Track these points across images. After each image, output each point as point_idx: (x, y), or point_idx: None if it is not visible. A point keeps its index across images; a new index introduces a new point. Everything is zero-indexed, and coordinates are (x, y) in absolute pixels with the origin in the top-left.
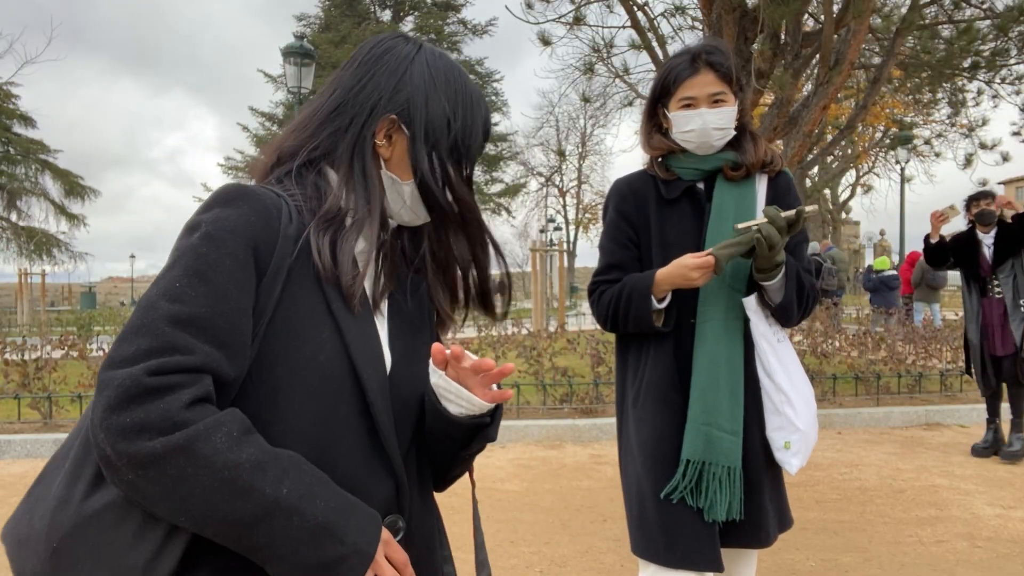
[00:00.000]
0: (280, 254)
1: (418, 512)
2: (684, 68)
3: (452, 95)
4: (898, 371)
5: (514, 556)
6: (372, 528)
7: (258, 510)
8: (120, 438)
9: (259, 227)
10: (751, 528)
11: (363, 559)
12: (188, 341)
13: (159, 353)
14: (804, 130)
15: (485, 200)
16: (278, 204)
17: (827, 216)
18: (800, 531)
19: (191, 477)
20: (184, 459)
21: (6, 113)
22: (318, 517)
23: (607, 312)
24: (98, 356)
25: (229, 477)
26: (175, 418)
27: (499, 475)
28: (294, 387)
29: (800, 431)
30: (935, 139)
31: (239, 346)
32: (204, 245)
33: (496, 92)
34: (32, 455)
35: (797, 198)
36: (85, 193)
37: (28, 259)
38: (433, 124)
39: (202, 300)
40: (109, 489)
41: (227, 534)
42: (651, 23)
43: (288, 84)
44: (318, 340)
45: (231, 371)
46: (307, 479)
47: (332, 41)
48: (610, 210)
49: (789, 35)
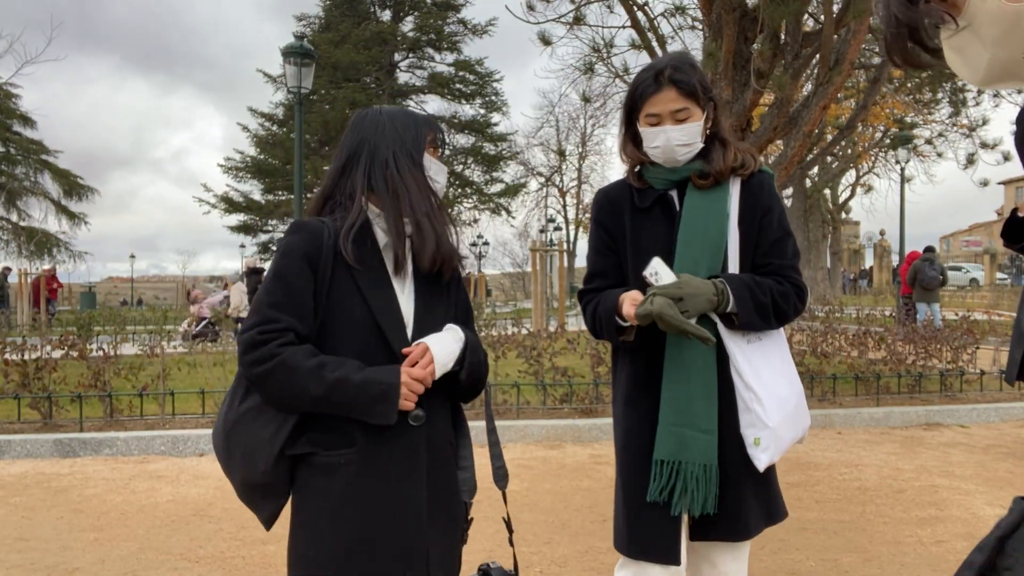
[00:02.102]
0: (324, 259)
1: (432, 414)
2: (648, 85)
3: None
4: (898, 371)
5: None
6: (391, 372)
7: (325, 386)
8: (249, 369)
9: (310, 245)
10: (728, 522)
11: (393, 386)
12: (277, 315)
13: (262, 323)
14: (804, 130)
15: (485, 200)
16: (321, 229)
17: (827, 216)
18: (800, 531)
19: (288, 378)
20: (281, 370)
21: (6, 113)
22: (358, 379)
23: (589, 324)
24: (98, 356)
25: (308, 372)
26: (271, 353)
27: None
28: (342, 335)
29: (769, 428)
30: (936, 139)
31: (305, 313)
32: (281, 259)
33: (496, 92)
34: (32, 455)
35: (773, 197)
36: (85, 192)
37: (28, 259)
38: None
39: (281, 291)
40: (253, 397)
41: (319, 404)
42: (651, 23)
43: (288, 84)
44: (351, 306)
45: (303, 329)
46: (350, 366)
47: (332, 41)
48: (592, 219)
49: (789, 35)
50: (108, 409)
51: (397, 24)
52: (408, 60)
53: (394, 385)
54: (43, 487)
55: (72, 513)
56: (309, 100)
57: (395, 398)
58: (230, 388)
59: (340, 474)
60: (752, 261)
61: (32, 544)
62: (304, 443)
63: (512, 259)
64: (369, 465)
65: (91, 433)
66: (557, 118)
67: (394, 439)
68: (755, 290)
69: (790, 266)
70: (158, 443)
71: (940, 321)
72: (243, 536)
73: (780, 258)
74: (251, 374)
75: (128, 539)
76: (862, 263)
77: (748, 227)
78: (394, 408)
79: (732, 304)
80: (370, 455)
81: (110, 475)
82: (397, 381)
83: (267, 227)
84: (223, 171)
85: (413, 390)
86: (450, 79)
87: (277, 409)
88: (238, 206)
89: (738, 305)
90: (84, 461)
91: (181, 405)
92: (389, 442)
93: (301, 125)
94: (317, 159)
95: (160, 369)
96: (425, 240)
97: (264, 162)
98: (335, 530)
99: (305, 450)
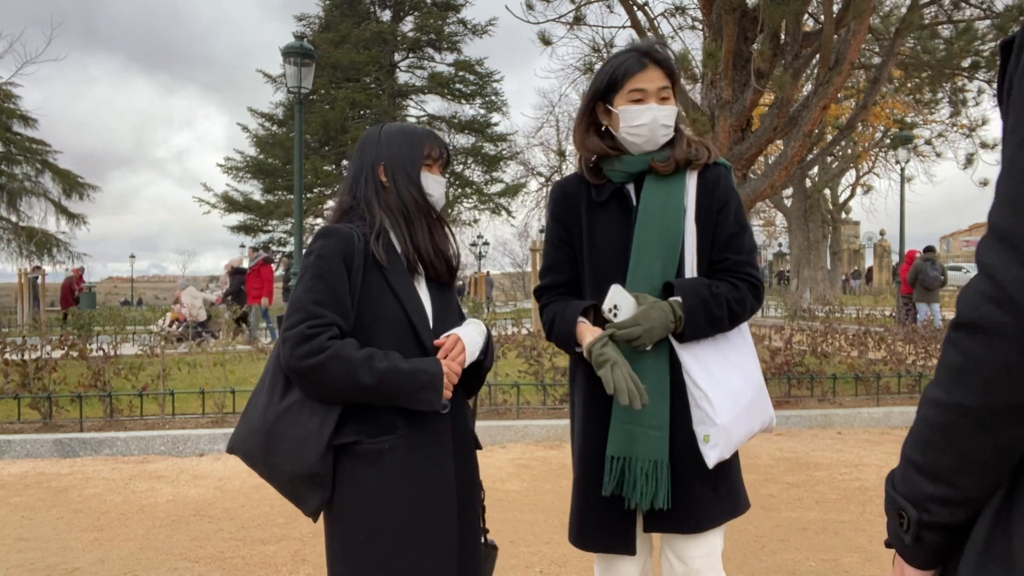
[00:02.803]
0: (357, 261)
1: (456, 405)
2: (633, 64)
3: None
4: (898, 371)
5: (514, 556)
6: (435, 363)
7: (377, 375)
8: (301, 361)
9: (344, 247)
10: (680, 515)
11: (438, 375)
12: (322, 311)
13: (310, 318)
14: (804, 130)
15: (485, 200)
16: (352, 234)
17: (827, 216)
18: (800, 531)
19: (341, 369)
20: (335, 361)
21: (6, 113)
22: (407, 368)
23: (547, 332)
24: (98, 356)
25: (358, 363)
26: (323, 345)
27: (499, 475)
28: (377, 329)
29: (718, 425)
30: (935, 139)
31: (346, 310)
32: (318, 261)
33: (496, 92)
34: (32, 455)
35: (730, 190)
36: (86, 191)
37: (28, 259)
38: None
39: (324, 290)
40: (294, 392)
41: (369, 394)
42: (651, 23)
43: (288, 84)
44: (384, 303)
45: (345, 324)
46: (395, 357)
47: (332, 41)
48: (548, 212)
49: (789, 35)
50: (108, 409)
51: (397, 24)
52: (408, 60)
53: (438, 375)
54: (43, 487)
55: (72, 513)
56: (309, 100)
57: (440, 386)
58: (259, 388)
59: (384, 459)
60: (709, 256)
61: (32, 544)
62: (349, 432)
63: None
64: (409, 451)
65: (91, 433)
66: (557, 118)
67: (429, 425)
68: (710, 305)
69: (746, 261)
70: (158, 443)
71: (940, 321)
72: (243, 536)
73: (736, 253)
74: (302, 366)
75: (128, 539)
76: (862, 263)
77: (705, 222)
78: (439, 396)
79: (686, 327)
80: (410, 441)
81: (110, 475)
82: (440, 371)
83: (267, 227)
84: (223, 171)
85: (451, 379)
86: (450, 79)
87: (320, 402)
88: (238, 206)
89: (690, 328)
90: (84, 461)
91: (181, 405)
92: (425, 428)
93: (301, 125)
94: (317, 159)
95: (160, 369)
96: (421, 252)
97: (264, 162)
98: (389, 513)
99: (351, 439)
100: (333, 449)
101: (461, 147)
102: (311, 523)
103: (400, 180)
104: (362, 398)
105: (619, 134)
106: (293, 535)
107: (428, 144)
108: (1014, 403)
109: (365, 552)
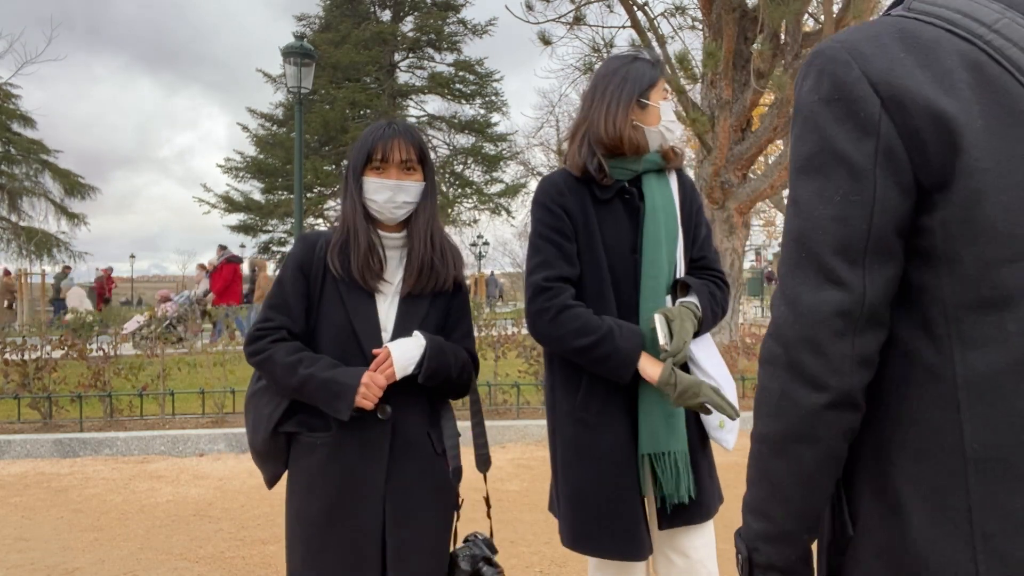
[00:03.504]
0: (315, 268)
1: (403, 410)
2: (654, 72)
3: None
4: None
5: (514, 556)
6: (355, 375)
7: (298, 380)
8: (248, 359)
9: (303, 255)
10: (694, 506)
11: (351, 387)
12: (274, 315)
13: (261, 322)
14: None
15: (485, 200)
16: (316, 241)
17: None
18: None
19: (271, 370)
20: (267, 363)
21: (6, 113)
22: (325, 377)
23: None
24: (98, 356)
25: (284, 367)
26: (264, 347)
27: (499, 475)
28: (326, 336)
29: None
30: None
31: (296, 315)
32: (282, 267)
33: (496, 92)
34: (32, 455)
35: (696, 190)
36: (86, 191)
37: (28, 259)
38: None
39: (278, 294)
40: (263, 379)
41: (295, 394)
42: (651, 23)
43: (288, 84)
44: (334, 313)
45: (295, 328)
46: (323, 363)
47: (332, 41)
48: (546, 204)
49: (789, 35)
50: (108, 409)
51: (397, 24)
52: (408, 60)
53: (352, 387)
54: (43, 487)
55: (72, 513)
56: (309, 100)
57: (351, 398)
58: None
59: (317, 453)
60: (690, 255)
61: (32, 544)
62: (293, 423)
63: (512, 259)
64: (338, 449)
65: (91, 433)
66: (557, 118)
67: (362, 430)
68: (715, 304)
69: (717, 260)
70: (158, 443)
71: None
72: (243, 536)
73: (711, 252)
74: (250, 362)
75: (128, 539)
76: None
77: (687, 221)
78: (348, 406)
79: (701, 326)
80: (340, 441)
81: (110, 475)
82: (356, 383)
83: (267, 227)
84: (223, 171)
85: (372, 391)
86: (450, 79)
87: (275, 392)
88: (238, 206)
89: (703, 327)
90: (84, 461)
91: (181, 405)
92: (357, 432)
93: (301, 125)
94: (317, 159)
95: (160, 369)
96: (350, 265)
97: (264, 162)
98: (313, 498)
99: (293, 429)
100: (282, 435)
101: (461, 147)
102: None
103: (348, 186)
104: (293, 396)
105: (657, 128)
106: None
107: (378, 144)
108: (794, 426)
109: (291, 528)
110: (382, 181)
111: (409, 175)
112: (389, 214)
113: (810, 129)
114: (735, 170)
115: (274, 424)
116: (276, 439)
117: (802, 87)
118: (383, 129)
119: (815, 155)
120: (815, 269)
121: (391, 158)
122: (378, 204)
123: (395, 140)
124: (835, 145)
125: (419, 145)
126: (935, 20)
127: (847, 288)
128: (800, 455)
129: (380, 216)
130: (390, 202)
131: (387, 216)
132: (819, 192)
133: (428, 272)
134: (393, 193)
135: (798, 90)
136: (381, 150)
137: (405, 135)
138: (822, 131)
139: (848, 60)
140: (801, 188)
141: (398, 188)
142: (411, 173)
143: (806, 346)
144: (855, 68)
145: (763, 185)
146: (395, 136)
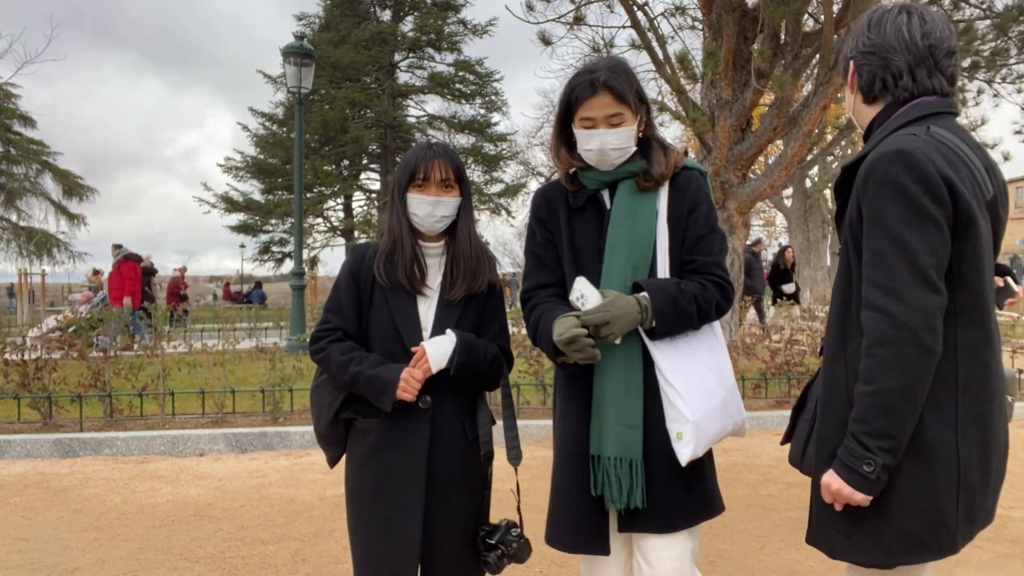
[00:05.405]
0: (364, 276)
1: (442, 399)
2: (584, 89)
3: (400, 164)
4: None
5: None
6: (394, 371)
7: (348, 376)
8: (311, 357)
9: (354, 264)
10: (654, 514)
11: (392, 383)
12: (332, 317)
13: (321, 324)
14: (804, 130)
15: (485, 200)
16: (367, 251)
17: (827, 216)
18: (800, 531)
19: (329, 367)
20: (325, 361)
21: (6, 113)
22: (370, 374)
23: (531, 337)
24: (97, 356)
25: (338, 364)
26: (322, 347)
27: (499, 475)
28: (375, 336)
29: (690, 422)
30: None
31: (350, 317)
32: (339, 274)
33: (496, 92)
34: (32, 455)
35: (700, 193)
36: (85, 192)
37: (28, 259)
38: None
39: (335, 299)
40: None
41: (348, 387)
42: (651, 23)
43: (288, 84)
44: (381, 314)
45: (350, 328)
46: (370, 361)
47: (332, 41)
48: (530, 217)
49: (789, 35)
50: (108, 409)
51: (397, 24)
52: (408, 60)
53: (392, 382)
54: (43, 487)
55: (72, 513)
56: (309, 100)
57: (392, 392)
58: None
59: (368, 437)
60: (679, 258)
61: (32, 544)
62: (350, 411)
63: (512, 259)
64: (386, 434)
65: (91, 433)
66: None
67: (406, 417)
68: (679, 301)
69: (714, 263)
70: (158, 443)
71: None
72: (243, 536)
73: (705, 255)
74: (313, 360)
75: (128, 539)
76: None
77: (675, 224)
78: (390, 400)
79: (654, 321)
80: (387, 426)
81: (110, 475)
82: (395, 379)
83: (267, 227)
84: (223, 171)
85: (411, 385)
86: (450, 79)
87: (334, 385)
88: (238, 206)
89: (659, 322)
90: (84, 461)
91: (181, 405)
92: (402, 419)
93: (301, 125)
94: (317, 159)
95: (160, 369)
96: (395, 273)
97: (264, 162)
98: (362, 476)
99: (349, 416)
100: (341, 421)
101: (461, 147)
102: (311, 523)
103: (394, 202)
104: (348, 389)
105: (579, 152)
106: (293, 535)
107: (420, 164)
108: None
109: (349, 502)
110: (423, 197)
111: (448, 192)
112: (430, 226)
113: (900, 195)
114: (735, 170)
115: (334, 412)
116: (336, 425)
117: (890, 168)
118: (424, 151)
119: (912, 212)
120: (922, 282)
121: (431, 177)
122: (420, 217)
123: (435, 161)
124: (928, 210)
125: (456, 165)
126: (949, 143)
127: (942, 294)
128: (917, 396)
129: (422, 228)
130: (430, 216)
131: (428, 228)
132: (921, 236)
133: (466, 277)
134: (433, 208)
135: (884, 168)
136: (423, 170)
137: (444, 156)
138: (916, 200)
139: (927, 159)
140: (906, 232)
141: (437, 203)
142: (449, 190)
143: (926, 329)
144: (931, 165)
145: (763, 185)
146: (435, 157)
